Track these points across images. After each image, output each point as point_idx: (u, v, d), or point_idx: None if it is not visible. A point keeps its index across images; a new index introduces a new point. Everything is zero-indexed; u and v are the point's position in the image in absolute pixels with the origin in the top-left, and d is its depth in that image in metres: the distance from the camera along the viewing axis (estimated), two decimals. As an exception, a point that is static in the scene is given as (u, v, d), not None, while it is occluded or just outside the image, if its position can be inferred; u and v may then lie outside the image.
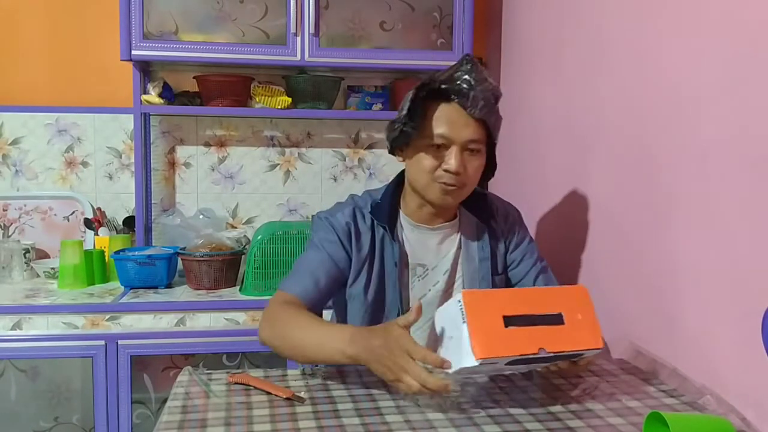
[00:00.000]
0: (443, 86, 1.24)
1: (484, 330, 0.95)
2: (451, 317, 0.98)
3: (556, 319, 1.01)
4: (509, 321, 0.97)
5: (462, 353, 0.95)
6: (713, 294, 1.11)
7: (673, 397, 1.10)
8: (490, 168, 1.36)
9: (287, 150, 2.43)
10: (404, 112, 1.26)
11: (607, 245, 1.50)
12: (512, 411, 1.03)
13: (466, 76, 1.23)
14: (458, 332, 0.96)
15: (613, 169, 1.47)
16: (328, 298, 1.34)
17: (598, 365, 1.27)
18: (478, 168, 1.29)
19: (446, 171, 1.25)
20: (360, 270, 1.34)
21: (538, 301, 1.02)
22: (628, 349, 1.35)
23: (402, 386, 0.98)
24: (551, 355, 0.99)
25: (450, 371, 0.97)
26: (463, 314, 0.96)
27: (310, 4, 2.07)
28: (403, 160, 1.35)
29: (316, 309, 1.30)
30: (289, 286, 1.29)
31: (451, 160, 1.24)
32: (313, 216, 1.42)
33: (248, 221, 2.44)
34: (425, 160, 1.27)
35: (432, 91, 1.25)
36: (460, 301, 0.97)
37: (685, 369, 1.17)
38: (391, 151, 1.37)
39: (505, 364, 1.00)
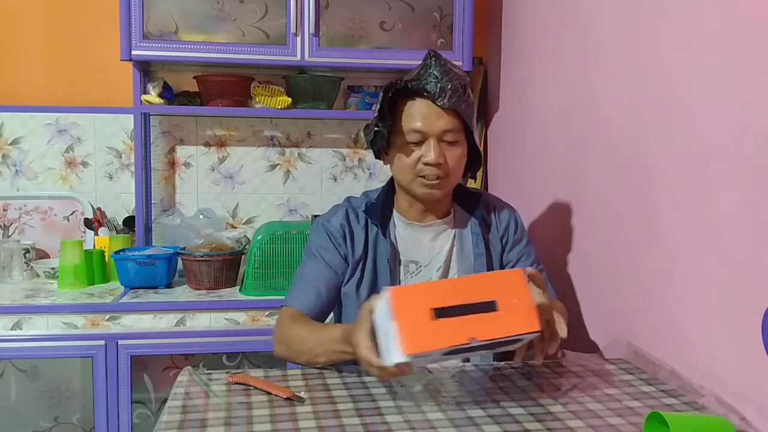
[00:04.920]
0: (411, 84, 1.28)
1: (411, 326, 0.95)
2: (383, 313, 0.98)
3: (489, 306, 0.99)
4: (439, 313, 0.96)
5: (392, 349, 0.95)
6: (713, 294, 1.11)
7: (673, 397, 1.10)
8: (476, 158, 1.39)
9: (287, 150, 2.43)
10: (376, 113, 1.30)
11: (606, 245, 1.50)
12: (512, 411, 1.03)
13: (432, 71, 1.28)
14: (388, 328, 0.96)
15: (612, 169, 1.47)
16: (331, 305, 1.38)
17: (598, 365, 1.27)
18: (459, 157, 1.32)
19: (426, 164, 1.29)
20: (355, 269, 1.37)
21: (471, 290, 1.00)
22: (627, 349, 1.35)
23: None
24: (486, 343, 0.98)
25: (386, 365, 0.97)
26: (390, 311, 0.95)
27: (310, 4, 2.07)
28: (388, 163, 1.39)
29: (321, 318, 1.35)
30: (292, 300, 1.34)
31: (429, 152, 1.28)
32: (315, 217, 1.45)
33: (248, 221, 2.44)
34: (405, 158, 1.31)
35: (401, 90, 1.29)
36: (387, 299, 0.97)
37: (684, 369, 1.17)
38: (377, 156, 1.41)
39: (444, 354, 1.00)
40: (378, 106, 1.30)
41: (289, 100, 2.18)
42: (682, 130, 1.20)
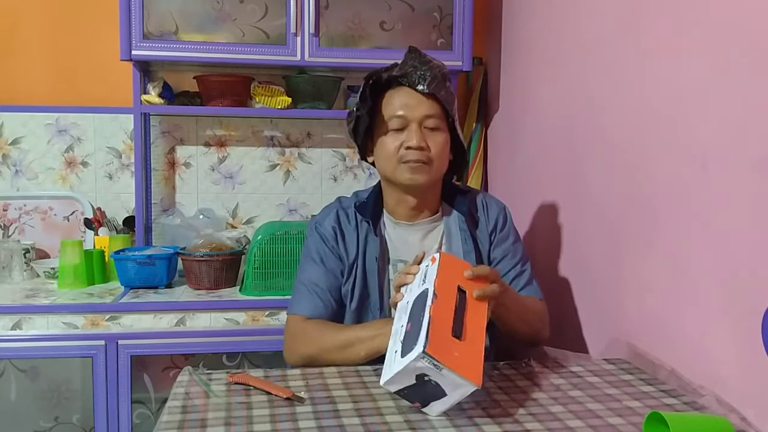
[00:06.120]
0: (392, 75, 1.32)
1: (461, 362, 0.96)
2: (419, 370, 0.95)
3: (465, 295, 1.07)
4: (456, 334, 1.00)
5: (454, 389, 0.96)
6: (712, 294, 1.11)
7: (673, 397, 1.10)
8: (461, 157, 1.42)
9: (287, 150, 2.43)
10: (357, 99, 1.33)
11: (606, 245, 1.50)
12: (512, 411, 1.03)
13: (410, 62, 1.33)
14: (439, 377, 0.95)
15: (612, 168, 1.47)
16: (337, 308, 1.37)
17: (598, 365, 1.27)
18: (441, 144, 1.34)
19: (409, 148, 1.30)
20: (350, 270, 1.37)
21: (447, 295, 1.05)
22: (627, 349, 1.35)
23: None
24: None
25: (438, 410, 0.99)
26: (437, 363, 0.94)
27: (310, 4, 2.07)
28: (372, 158, 1.40)
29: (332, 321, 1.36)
30: (298, 308, 1.35)
31: (412, 136, 1.30)
32: (312, 216, 1.46)
33: (248, 221, 2.44)
34: (388, 144, 1.33)
35: (381, 80, 1.33)
36: (423, 357, 0.93)
37: (684, 369, 1.17)
38: (362, 156, 1.42)
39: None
40: (359, 94, 1.33)
41: (289, 100, 2.18)
42: (682, 130, 1.20)
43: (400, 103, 1.32)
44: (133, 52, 2.02)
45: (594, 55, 1.57)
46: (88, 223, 2.26)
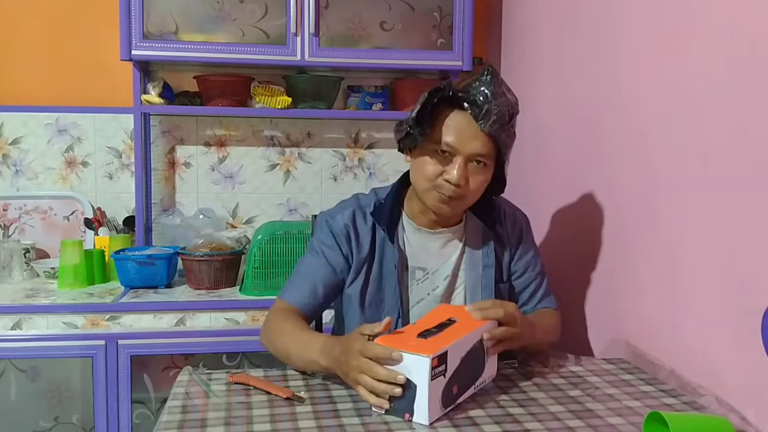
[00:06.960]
0: (458, 94, 1.21)
1: (415, 348, 0.97)
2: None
3: (452, 321, 1.09)
4: (423, 335, 1.03)
5: (418, 374, 0.96)
6: (713, 294, 1.11)
7: (673, 397, 1.10)
8: (499, 183, 1.32)
9: (287, 150, 2.43)
10: (414, 114, 1.22)
11: (606, 245, 1.50)
12: (512, 411, 1.03)
13: (484, 88, 1.20)
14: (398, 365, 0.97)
15: (612, 169, 1.48)
16: (326, 304, 1.35)
17: (598, 365, 1.27)
18: (481, 182, 1.26)
19: (447, 181, 1.23)
20: (359, 271, 1.34)
21: (428, 322, 1.09)
22: (627, 349, 1.35)
23: (360, 390, 1.01)
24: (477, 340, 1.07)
25: (420, 413, 0.97)
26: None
27: (310, 4, 2.07)
28: (410, 161, 1.32)
29: (314, 316, 1.34)
30: (287, 295, 1.32)
31: (454, 171, 1.21)
32: (317, 215, 1.43)
33: (248, 221, 2.44)
34: (429, 166, 1.24)
35: (446, 97, 1.22)
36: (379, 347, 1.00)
37: (684, 369, 1.17)
38: (400, 149, 1.33)
39: (456, 385, 1.01)
40: (418, 107, 1.22)
41: (289, 100, 2.18)
42: (682, 130, 1.20)
43: (454, 131, 1.21)
44: (133, 52, 2.02)
45: (594, 54, 1.57)
46: (88, 223, 2.26)
